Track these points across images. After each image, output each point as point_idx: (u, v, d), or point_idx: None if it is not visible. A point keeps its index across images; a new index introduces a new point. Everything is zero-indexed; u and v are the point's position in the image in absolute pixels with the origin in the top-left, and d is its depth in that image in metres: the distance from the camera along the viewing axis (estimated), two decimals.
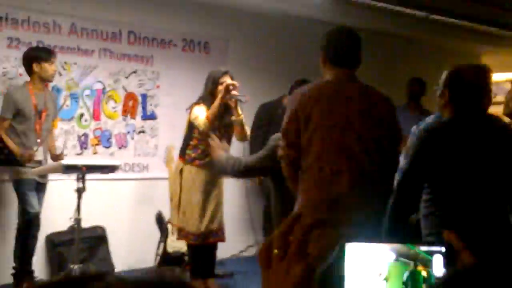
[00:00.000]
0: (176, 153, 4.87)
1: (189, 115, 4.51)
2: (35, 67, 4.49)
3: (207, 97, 4.38)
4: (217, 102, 4.26)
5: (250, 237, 6.09)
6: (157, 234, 5.30)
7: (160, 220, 5.29)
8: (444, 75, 2.90)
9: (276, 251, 0.80)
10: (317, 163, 2.78)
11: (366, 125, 2.78)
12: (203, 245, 4.57)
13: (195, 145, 4.50)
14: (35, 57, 4.51)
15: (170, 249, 5.13)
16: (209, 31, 6.10)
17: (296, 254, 0.78)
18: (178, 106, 5.45)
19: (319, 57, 2.91)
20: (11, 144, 4.43)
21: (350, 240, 0.88)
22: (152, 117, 5.88)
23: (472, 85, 2.82)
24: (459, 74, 2.85)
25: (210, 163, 4.33)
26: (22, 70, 4.68)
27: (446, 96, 2.82)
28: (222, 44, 6.24)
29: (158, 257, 5.20)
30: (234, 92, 4.31)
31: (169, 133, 5.74)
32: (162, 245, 5.21)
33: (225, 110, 4.48)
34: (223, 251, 5.18)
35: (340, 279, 0.85)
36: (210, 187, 4.55)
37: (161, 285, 0.48)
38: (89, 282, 0.48)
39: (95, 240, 5.16)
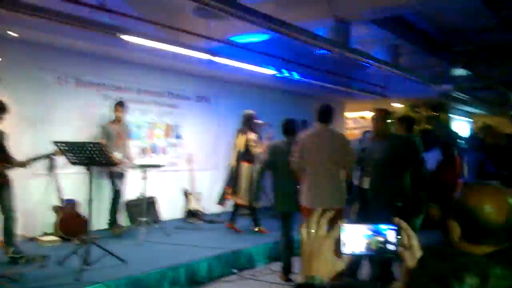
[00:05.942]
0: (193, 157, 6.48)
1: (245, 137, 6.04)
2: (115, 112, 5.99)
3: (250, 128, 6.09)
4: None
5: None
6: (183, 201, 7.09)
7: (185, 193, 6.93)
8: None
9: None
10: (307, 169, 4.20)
11: (331, 147, 4.10)
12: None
13: (253, 155, 6.06)
14: (117, 108, 5.95)
15: (191, 208, 6.90)
16: (209, 90, 7.89)
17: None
18: (194, 132, 7.31)
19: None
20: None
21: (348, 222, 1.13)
22: (180, 137, 7.58)
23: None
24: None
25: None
26: (112, 113, 6.07)
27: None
28: (217, 98, 8.07)
29: (185, 213, 6.81)
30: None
31: (188, 146, 7.45)
32: (186, 206, 6.86)
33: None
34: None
35: (340, 242, 1.13)
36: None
37: None
38: None
39: (151, 204, 6.63)
